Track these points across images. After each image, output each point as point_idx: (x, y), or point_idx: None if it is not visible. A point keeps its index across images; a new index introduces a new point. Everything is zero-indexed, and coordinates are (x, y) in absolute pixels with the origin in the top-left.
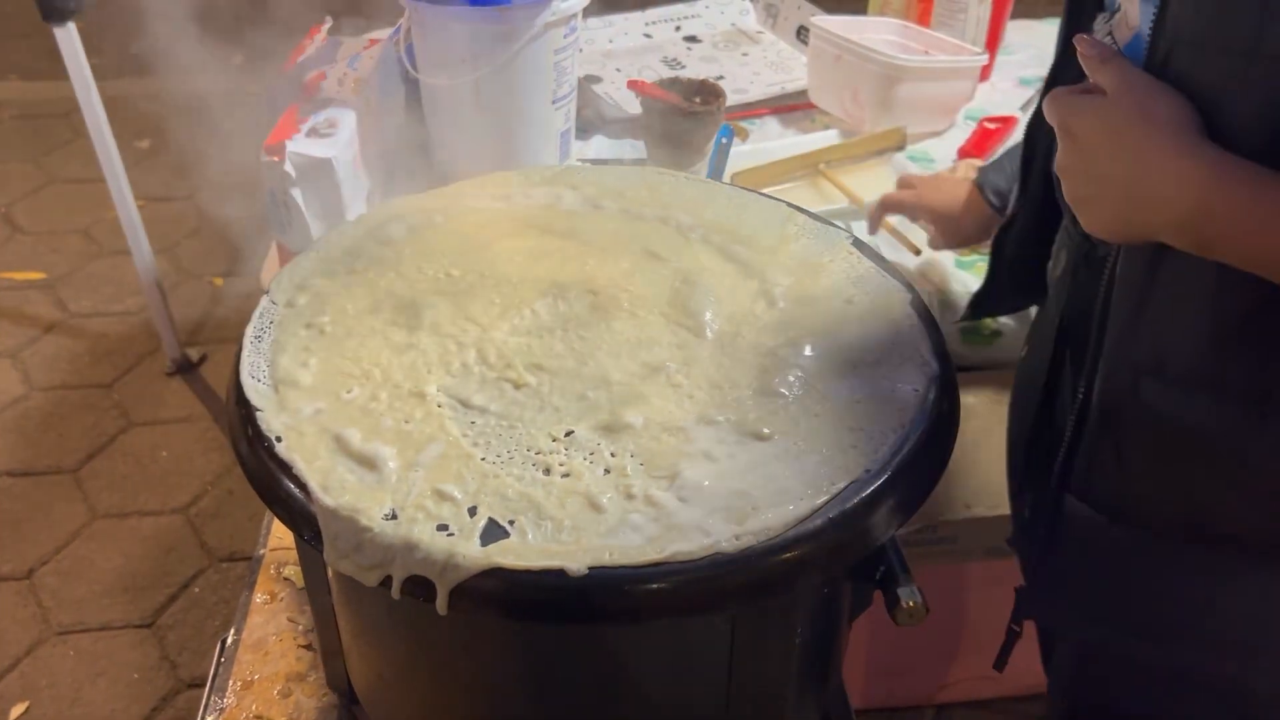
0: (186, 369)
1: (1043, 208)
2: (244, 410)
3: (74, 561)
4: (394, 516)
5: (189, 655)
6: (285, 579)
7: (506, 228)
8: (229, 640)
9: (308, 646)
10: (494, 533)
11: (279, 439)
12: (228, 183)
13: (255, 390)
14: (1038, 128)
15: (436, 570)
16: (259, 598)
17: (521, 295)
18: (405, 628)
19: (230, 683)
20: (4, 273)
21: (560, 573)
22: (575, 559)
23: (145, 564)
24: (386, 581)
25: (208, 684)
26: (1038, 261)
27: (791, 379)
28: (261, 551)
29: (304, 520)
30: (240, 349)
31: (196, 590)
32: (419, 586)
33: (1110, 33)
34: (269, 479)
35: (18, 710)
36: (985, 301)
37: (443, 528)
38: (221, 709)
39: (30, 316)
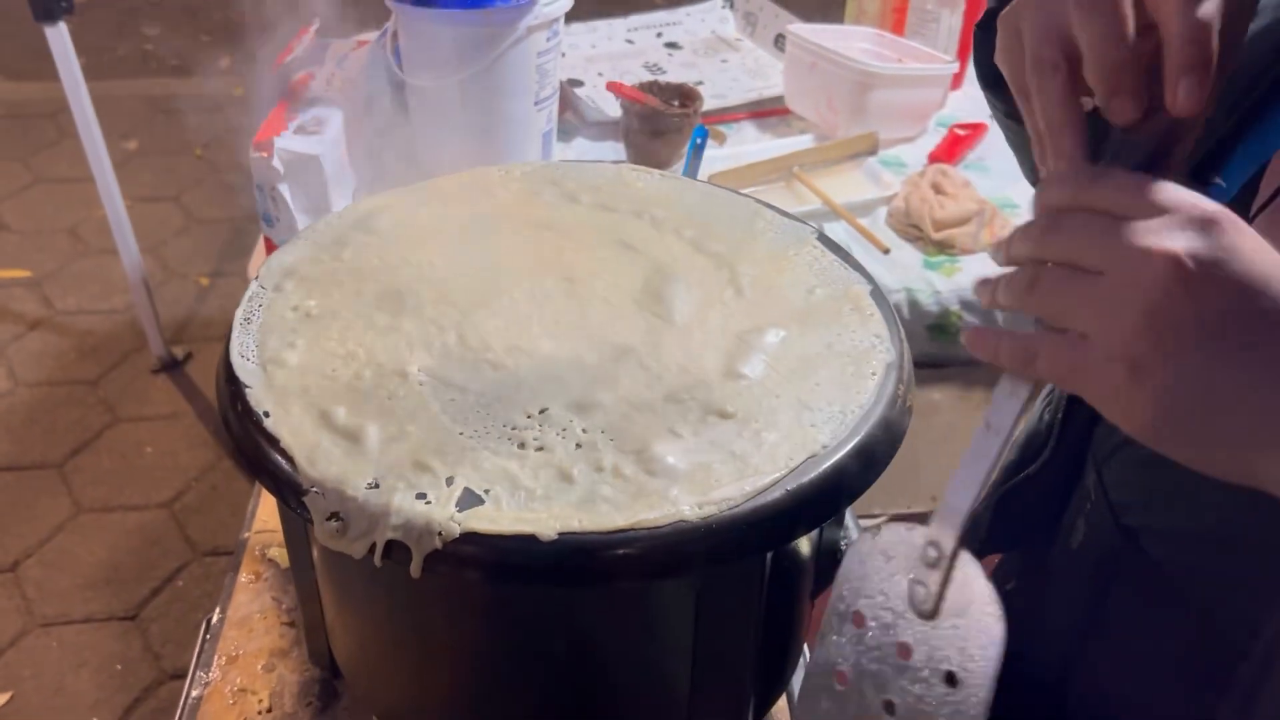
0: (172, 367)
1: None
2: (233, 387)
3: (58, 554)
4: (376, 486)
5: (172, 647)
6: (269, 560)
7: (487, 220)
8: (214, 619)
9: (290, 624)
10: (470, 501)
11: (267, 414)
12: (214, 183)
13: (244, 369)
14: None
15: (414, 535)
16: (244, 578)
17: (501, 283)
18: (386, 596)
19: (215, 658)
20: None
21: (532, 538)
22: (546, 525)
23: (129, 557)
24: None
25: (193, 659)
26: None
27: (756, 362)
28: (246, 535)
29: (290, 489)
30: (230, 330)
31: (180, 583)
32: (398, 552)
33: None
34: (257, 452)
35: (1, 700)
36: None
37: (421, 496)
38: (207, 683)
39: (16, 313)
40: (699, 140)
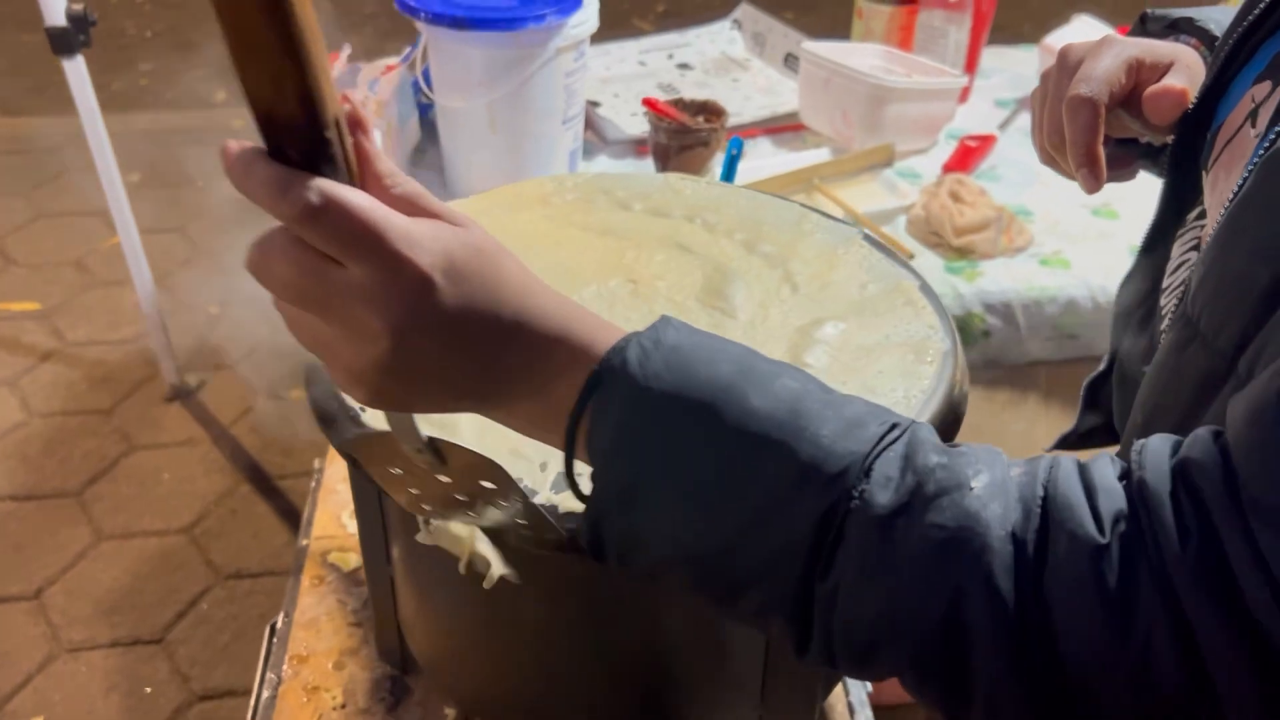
0: (185, 395)
1: None
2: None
3: (81, 581)
4: None
5: (200, 669)
6: (331, 564)
7: (548, 226)
8: (278, 623)
9: (357, 624)
10: (562, 485)
11: (363, 409)
12: (218, 215)
13: None
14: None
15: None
16: (306, 582)
17: (567, 285)
18: (477, 583)
19: (285, 659)
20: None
21: None
22: None
23: (152, 582)
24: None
25: (260, 663)
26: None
27: (819, 352)
28: (305, 542)
29: None
30: None
31: (204, 607)
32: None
33: (1198, 244)
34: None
35: None
36: (1065, 443)
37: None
38: (278, 683)
39: (27, 346)
40: (734, 151)
